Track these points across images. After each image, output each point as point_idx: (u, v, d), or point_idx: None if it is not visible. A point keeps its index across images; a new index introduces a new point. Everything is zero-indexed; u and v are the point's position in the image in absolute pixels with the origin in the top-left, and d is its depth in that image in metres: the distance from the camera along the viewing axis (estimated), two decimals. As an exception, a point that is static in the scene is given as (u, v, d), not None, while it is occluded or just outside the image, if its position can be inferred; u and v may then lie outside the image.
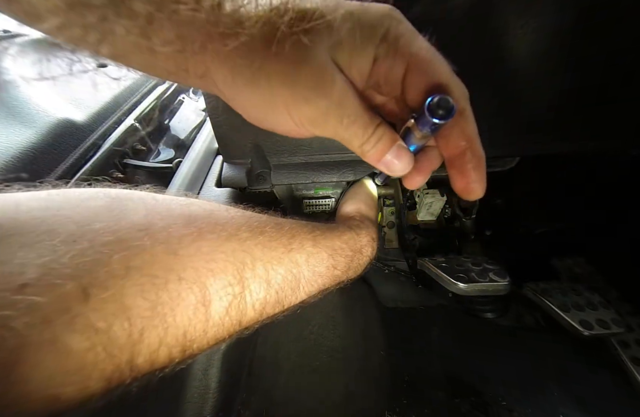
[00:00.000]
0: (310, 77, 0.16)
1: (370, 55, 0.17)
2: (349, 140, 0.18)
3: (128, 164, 0.45)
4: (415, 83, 0.17)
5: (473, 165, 0.18)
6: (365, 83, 0.18)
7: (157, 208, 0.18)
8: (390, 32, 0.16)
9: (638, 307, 0.46)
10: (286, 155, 0.42)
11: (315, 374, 0.42)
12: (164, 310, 0.15)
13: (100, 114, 0.46)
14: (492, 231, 0.60)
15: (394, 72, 0.17)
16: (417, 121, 0.16)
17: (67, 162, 0.38)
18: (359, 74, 0.18)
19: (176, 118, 0.61)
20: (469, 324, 0.52)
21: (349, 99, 0.17)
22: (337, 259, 0.28)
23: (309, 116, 0.17)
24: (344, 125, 0.17)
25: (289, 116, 0.17)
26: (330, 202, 0.51)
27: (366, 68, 0.17)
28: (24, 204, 0.15)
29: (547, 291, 0.44)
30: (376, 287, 0.60)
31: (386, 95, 0.19)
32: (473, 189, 0.19)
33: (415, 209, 0.62)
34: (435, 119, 0.15)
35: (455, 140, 0.18)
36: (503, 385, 0.43)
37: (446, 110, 0.15)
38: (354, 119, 0.17)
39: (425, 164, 0.20)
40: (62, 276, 0.13)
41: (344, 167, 0.44)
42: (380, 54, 0.17)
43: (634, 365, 0.40)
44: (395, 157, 0.18)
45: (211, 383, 0.31)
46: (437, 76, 0.17)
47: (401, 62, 0.17)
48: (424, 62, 0.17)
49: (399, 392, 0.43)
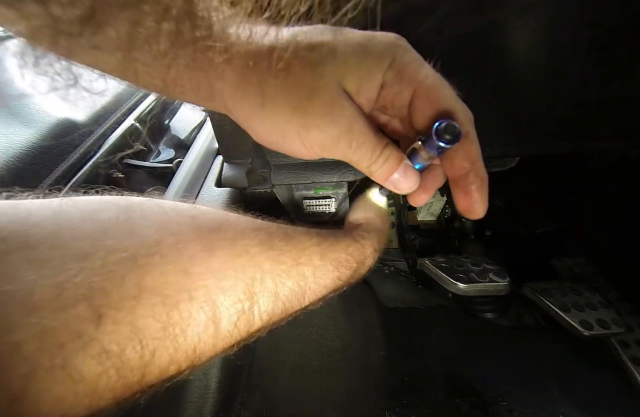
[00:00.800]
0: (322, 107, 0.17)
1: (377, 82, 0.18)
2: (357, 162, 0.19)
3: (128, 164, 0.45)
4: (422, 108, 0.18)
5: (476, 186, 0.19)
6: (372, 107, 0.19)
7: (167, 222, 0.18)
8: (397, 60, 0.17)
9: (638, 307, 0.46)
10: (286, 156, 0.42)
11: (315, 374, 0.42)
12: (175, 330, 0.15)
13: (100, 114, 0.46)
14: (492, 231, 0.60)
15: (401, 97, 0.18)
16: (424, 143, 0.17)
17: (67, 162, 0.38)
18: (366, 99, 0.18)
19: (176, 118, 0.61)
20: (469, 324, 0.52)
21: (358, 124, 0.18)
22: (341, 271, 0.28)
23: (320, 142, 0.18)
24: (353, 149, 0.18)
25: (300, 142, 0.18)
26: (330, 202, 0.51)
27: (374, 94, 0.18)
28: (35, 215, 0.15)
29: (547, 291, 0.44)
30: (376, 287, 0.60)
31: (392, 116, 0.20)
32: (475, 209, 0.19)
33: (415, 209, 0.62)
34: (442, 143, 0.16)
35: (460, 162, 0.19)
36: (503, 385, 0.43)
37: (453, 135, 0.16)
38: (362, 142, 0.18)
39: (430, 182, 0.21)
40: (75, 297, 0.13)
41: (344, 167, 0.44)
42: (388, 81, 0.18)
43: (634, 365, 0.40)
44: (402, 176, 0.19)
45: (211, 383, 0.31)
46: (444, 102, 0.18)
47: (408, 88, 0.18)
48: (430, 89, 0.18)
49: (399, 392, 0.43)
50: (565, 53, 0.31)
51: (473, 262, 0.45)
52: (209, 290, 0.17)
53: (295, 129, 0.17)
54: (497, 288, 0.41)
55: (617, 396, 0.41)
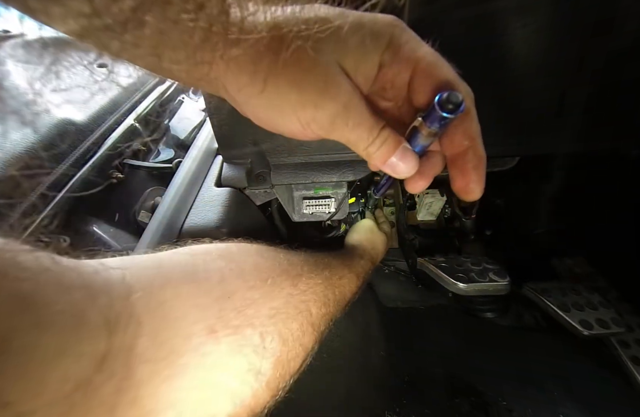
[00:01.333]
0: (318, 83, 0.17)
1: (375, 62, 0.18)
2: (355, 143, 0.19)
3: (128, 164, 0.45)
4: (422, 85, 0.18)
5: (473, 165, 0.19)
6: (370, 88, 0.19)
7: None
8: (395, 39, 0.17)
9: (638, 307, 0.46)
10: (286, 155, 0.42)
11: (316, 374, 0.42)
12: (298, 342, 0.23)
13: (100, 114, 0.46)
14: (492, 231, 0.60)
15: (400, 77, 0.18)
16: (426, 118, 0.17)
17: (67, 162, 0.38)
18: (364, 79, 0.18)
19: (176, 118, 0.61)
20: (469, 324, 0.52)
21: (355, 102, 0.17)
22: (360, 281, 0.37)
23: (317, 120, 0.18)
24: (350, 128, 0.18)
25: (297, 120, 0.18)
26: (330, 202, 0.51)
27: (372, 74, 0.18)
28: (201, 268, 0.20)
29: (547, 291, 0.44)
30: (376, 287, 0.60)
31: (390, 100, 0.20)
32: (471, 189, 0.19)
33: (415, 209, 0.62)
34: (445, 113, 0.16)
35: (459, 139, 0.19)
36: (503, 385, 0.43)
37: (455, 104, 0.16)
38: (360, 122, 0.18)
39: (428, 169, 0.21)
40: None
41: (344, 167, 0.44)
42: (386, 60, 0.18)
43: (634, 365, 0.40)
44: (400, 159, 0.18)
45: (211, 383, 0.31)
46: (444, 77, 0.17)
47: (407, 67, 0.18)
48: (429, 65, 0.17)
49: (399, 392, 0.43)
50: (567, 53, 0.31)
51: (473, 261, 0.45)
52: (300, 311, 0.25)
53: (292, 106, 0.17)
54: (497, 288, 0.41)
55: (617, 396, 0.41)
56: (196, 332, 0.18)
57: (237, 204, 0.42)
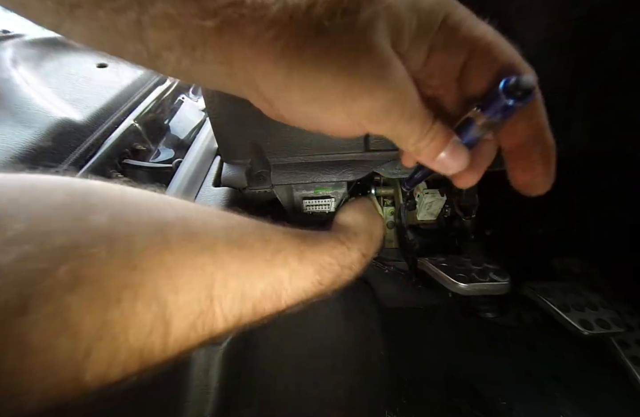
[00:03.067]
0: (372, 67, 0.14)
1: (427, 44, 0.16)
2: (405, 137, 0.16)
3: (128, 164, 0.45)
4: (481, 69, 0.16)
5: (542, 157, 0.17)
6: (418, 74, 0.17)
7: (124, 211, 0.16)
8: (450, 17, 0.15)
9: (638, 307, 0.46)
10: (286, 155, 0.42)
11: (315, 374, 0.42)
12: (114, 329, 0.14)
13: (100, 114, 0.46)
14: (492, 231, 0.60)
15: (452, 61, 0.16)
16: (485, 108, 0.15)
17: (67, 162, 0.38)
18: (414, 64, 0.16)
19: (176, 118, 0.61)
20: (469, 324, 0.52)
21: (411, 91, 0.15)
22: (323, 275, 0.27)
23: (369, 110, 0.15)
24: (405, 120, 0.15)
25: (345, 113, 0.16)
26: (330, 202, 0.51)
27: (422, 58, 0.16)
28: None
29: (547, 291, 0.44)
30: (376, 287, 0.59)
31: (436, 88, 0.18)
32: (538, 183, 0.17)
33: (415, 209, 0.61)
34: (513, 100, 0.14)
35: (523, 129, 0.16)
36: (503, 385, 0.43)
37: (526, 90, 0.14)
38: (414, 114, 0.15)
39: (479, 161, 0.18)
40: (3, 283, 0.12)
41: (344, 167, 0.44)
42: (439, 42, 0.16)
43: (634, 365, 0.40)
44: (450, 155, 0.17)
45: (211, 383, 0.31)
46: (506, 59, 0.16)
47: (463, 48, 0.16)
48: (490, 46, 0.15)
49: (399, 392, 0.43)
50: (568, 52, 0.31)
51: (473, 261, 0.45)
52: (158, 288, 0.15)
53: (339, 97, 0.15)
54: (497, 287, 0.41)
55: (617, 396, 0.41)
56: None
57: (237, 204, 0.43)
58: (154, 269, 0.16)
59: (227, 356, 0.33)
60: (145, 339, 0.15)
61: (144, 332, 0.15)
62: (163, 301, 0.16)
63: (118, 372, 0.14)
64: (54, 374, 0.12)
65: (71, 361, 0.13)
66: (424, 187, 0.55)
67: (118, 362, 0.14)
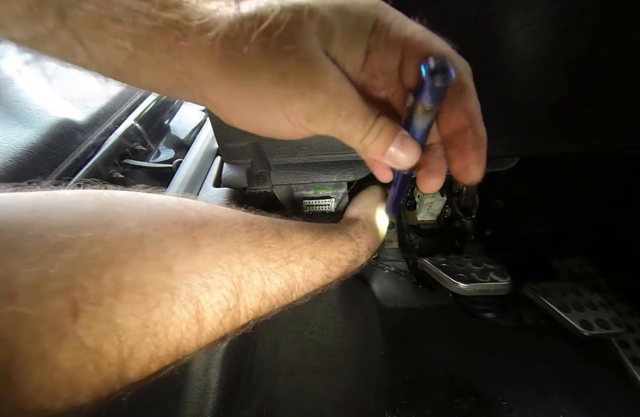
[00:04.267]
0: (303, 70, 0.15)
1: (363, 47, 0.16)
2: (350, 135, 0.17)
3: (128, 164, 0.45)
4: (414, 65, 0.16)
5: (473, 145, 0.17)
6: (359, 77, 0.18)
7: (150, 216, 0.18)
8: (380, 20, 0.16)
9: (638, 307, 0.46)
10: (286, 155, 0.42)
11: (315, 374, 0.42)
12: (156, 328, 0.15)
13: (100, 114, 0.46)
14: (492, 231, 0.60)
15: (389, 61, 0.17)
16: (418, 95, 0.16)
17: (67, 162, 0.38)
18: (352, 67, 0.17)
19: (176, 118, 0.61)
20: (469, 324, 0.52)
21: (346, 90, 0.16)
22: (332, 269, 0.28)
23: (306, 111, 0.16)
24: (343, 118, 0.16)
25: (284, 114, 0.16)
26: (330, 202, 0.51)
27: (359, 60, 0.17)
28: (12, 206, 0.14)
29: (547, 291, 0.44)
30: (376, 287, 0.60)
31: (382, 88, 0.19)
32: (471, 171, 0.18)
33: (415, 209, 0.61)
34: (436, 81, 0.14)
35: (457, 117, 0.17)
36: (503, 385, 0.43)
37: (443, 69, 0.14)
38: (353, 111, 0.16)
39: (437, 165, 0.19)
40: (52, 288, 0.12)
41: (344, 167, 0.44)
42: (373, 44, 0.16)
43: (634, 365, 0.40)
44: (399, 148, 0.17)
45: (211, 383, 0.31)
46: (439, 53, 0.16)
47: (396, 48, 0.16)
48: (420, 43, 0.16)
49: (399, 392, 0.43)
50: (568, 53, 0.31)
51: (474, 261, 0.45)
52: (192, 288, 0.17)
53: (277, 101, 0.16)
54: (497, 288, 0.41)
55: (618, 396, 0.41)
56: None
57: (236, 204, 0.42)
58: (187, 271, 0.17)
59: (227, 356, 0.33)
60: (182, 336, 0.16)
61: (181, 330, 0.16)
62: (196, 300, 0.17)
63: (157, 367, 0.16)
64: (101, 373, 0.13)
65: (118, 359, 0.14)
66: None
67: (157, 358, 0.16)
